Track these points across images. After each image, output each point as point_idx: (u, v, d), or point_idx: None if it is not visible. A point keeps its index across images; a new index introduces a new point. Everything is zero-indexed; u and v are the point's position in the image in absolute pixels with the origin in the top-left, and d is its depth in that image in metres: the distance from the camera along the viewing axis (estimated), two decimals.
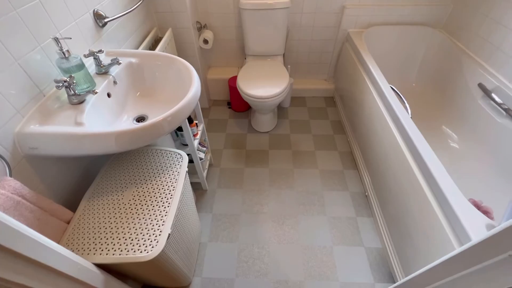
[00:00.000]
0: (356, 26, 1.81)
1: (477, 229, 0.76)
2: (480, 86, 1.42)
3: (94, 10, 1.03)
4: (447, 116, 1.65)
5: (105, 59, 0.98)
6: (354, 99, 1.69)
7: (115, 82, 0.96)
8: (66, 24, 0.88)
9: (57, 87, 0.75)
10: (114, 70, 0.97)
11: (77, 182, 0.95)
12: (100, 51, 0.92)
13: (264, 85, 1.58)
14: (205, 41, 1.79)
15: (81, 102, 0.81)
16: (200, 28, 1.79)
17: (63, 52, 0.77)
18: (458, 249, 0.56)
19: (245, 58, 1.91)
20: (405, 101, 1.30)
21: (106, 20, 1.06)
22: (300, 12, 1.78)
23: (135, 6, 1.26)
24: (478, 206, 1.17)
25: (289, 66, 1.86)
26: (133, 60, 1.04)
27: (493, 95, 1.34)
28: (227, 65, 2.12)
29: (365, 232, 1.34)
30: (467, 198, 0.89)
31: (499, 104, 1.31)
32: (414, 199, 1.01)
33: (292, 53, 2.02)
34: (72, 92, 0.78)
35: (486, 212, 1.13)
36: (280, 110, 2.08)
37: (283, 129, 1.92)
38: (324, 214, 1.41)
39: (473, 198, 1.19)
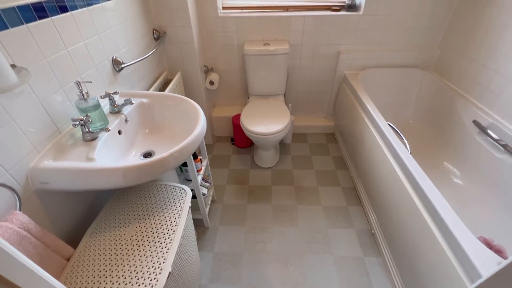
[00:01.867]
0: (351, 69, 1.95)
1: (490, 269, 0.73)
2: (475, 122, 1.47)
3: (113, 57, 1.14)
4: (447, 152, 1.67)
5: (119, 100, 1.06)
6: (354, 135, 1.74)
7: (126, 121, 1.02)
8: (87, 69, 0.98)
9: (74, 125, 0.80)
10: (127, 110, 1.04)
11: (81, 216, 0.96)
12: (115, 92, 1.00)
13: (266, 123, 1.65)
14: (211, 83, 1.92)
15: (94, 139, 0.86)
16: (207, 71, 1.94)
17: (83, 94, 0.84)
18: None
19: (248, 98, 2.02)
20: (404, 138, 1.34)
21: (122, 66, 1.17)
22: (299, 57, 1.94)
23: (149, 54, 1.39)
24: (490, 245, 1.12)
25: (290, 105, 1.96)
26: (145, 100, 1.12)
27: (489, 132, 1.38)
28: (231, 104, 2.24)
29: (374, 273, 1.27)
30: (477, 236, 0.87)
31: (496, 140, 1.34)
32: (422, 238, 0.98)
33: (293, 92, 2.15)
34: (87, 129, 0.83)
35: (499, 251, 1.09)
36: (282, 146, 2.13)
37: (285, 164, 1.94)
38: (330, 253, 1.36)
39: (484, 236, 1.15)
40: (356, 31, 1.81)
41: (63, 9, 0.85)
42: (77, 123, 0.81)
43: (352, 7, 1.78)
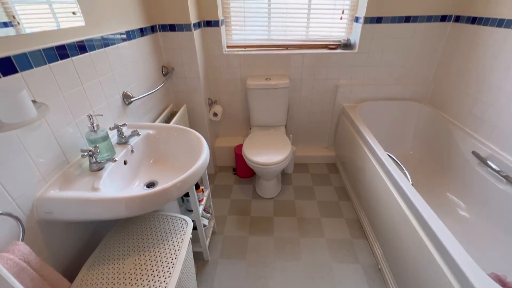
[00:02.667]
0: (350, 101, 2.03)
1: None
2: (474, 153, 1.49)
3: (123, 92, 1.22)
4: (450, 183, 1.66)
5: (126, 131, 1.11)
6: (355, 166, 1.75)
7: (132, 151, 1.05)
8: (99, 103, 1.04)
9: (82, 156, 0.83)
10: (133, 141, 1.08)
11: (81, 248, 0.94)
12: (123, 124, 1.05)
13: (268, 153, 1.68)
14: (215, 114, 1.99)
15: (100, 169, 0.88)
16: (211, 103, 2.03)
17: (93, 126, 0.89)
18: None
19: (250, 128, 2.08)
20: (404, 168, 1.35)
21: (132, 99, 1.24)
22: (299, 90, 2.04)
23: (157, 88, 1.48)
24: (503, 282, 1.07)
25: (291, 135, 2.01)
26: (151, 131, 1.16)
27: (489, 163, 1.39)
28: (233, 135, 2.30)
29: None
30: (488, 273, 0.84)
31: (497, 172, 1.34)
32: (430, 275, 0.94)
33: (294, 123, 2.21)
34: (94, 160, 0.86)
35: None
36: (284, 176, 2.13)
37: (287, 195, 1.93)
38: None
39: (495, 272, 1.10)
40: (352, 67, 1.93)
41: (83, 50, 0.94)
42: (86, 153, 0.84)
43: (347, 46, 1.92)
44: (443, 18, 1.74)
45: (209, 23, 1.77)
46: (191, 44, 1.61)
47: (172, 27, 1.57)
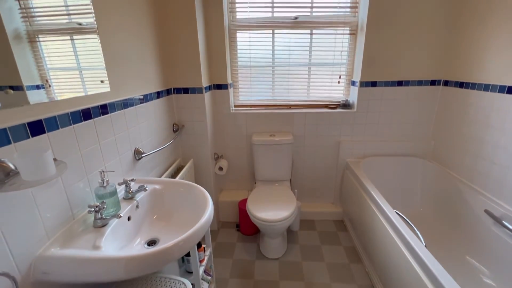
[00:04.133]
0: (353, 156, 2.07)
1: None
2: (487, 212, 1.43)
3: (135, 148, 1.29)
4: (467, 244, 1.56)
5: (134, 186, 1.14)
6: (363, 224, 1.68)
7: (137, 207, 1.06)
8: (111, 159, 1.10)
9: (89, 211, 0.84)
10: (140, 196, 1.09)
11: None
12: (132, 180, 1.08)
13: (273, 209, 1.65)
14: (220, 169, 2.03)
15: (104, 225, 0.88)
16: (217, 158, 2.10)
17: (103, 182, 0.92)
18: None
19: (255, 183, 2.09)
20: (415, 228, 1.30)
21: (143, 155, 1.30)
22: (302, 146, 2.11)
23: (167, 144, 1.56)
24: None
25: (296, 190, 1.99)
26: (157, 186, 1.18)
27: (505, 223, 1.33)
28: (238, 189, 2.29)
29: None
30: None
31: None
32: None
33: (298, 178, 2.22)
34: (100, 216, 0.87)
35: None
36: (290, 234, 2.03)
37: (293, 255, 1.81)
38: None
39: None
40: (353, 125, 2.03)
41: (105, 112, 1.04)
42: (93, 209, 0.85)
43: (346, 106, 2.06)
44: (433, 83, 1.90)
45: (218, 86, 1.97)
46: (201, 104, 1.76)
47: (185, 90, 1.74)
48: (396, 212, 1.36)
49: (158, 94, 1.55)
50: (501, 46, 1.42)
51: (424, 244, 1.14)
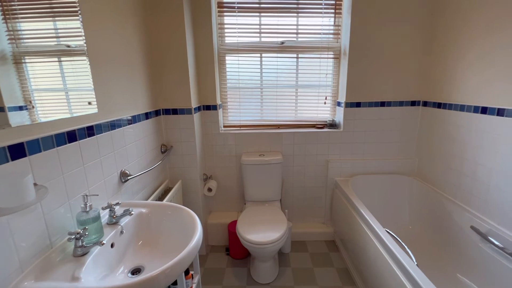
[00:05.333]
0: (341, 175, 2.09)
1: None
2: (474, 229, 1.46)
3: (121, 170, 1.25)
4: (457, 262, 1.56)
5: (119, 210, 1.09)
6: (354, 243, 1.66)
7: (121, 232, 1.01)
8: (96, 182, 1.05)
9: (69, 239, 0.79)
10: (124, 220, 1.04)
11: None
12: (117, 203, 1.03)
13: (263, 230, 1.61)
14: (209, 190, 1.99)
15: (85, 254, 0.82)
16: (206, 178, 2.06)
17: (86, 207, 0.87)
18: None
19: (245, 204, 2.05)
20: (406, 247, 1.29)
21: (129, 177, 1.26)
22: (292, 165, 2.12)
23: (155, 166, 1.53)
24: None
25: (286, 211, 1.97)
26: (144, 210, 1.14)
27: (491, 239, 1.35)
28: (227, 210, 2.24)
29: None
30: None
31: (501, 249, 1.29)
32: None
33: (288, 198, 2.20)
34: (80, 243, 0.81)
35: None
36: (281, 256, 1.97)
37: (285, 279, 1.74)
38: None
39: None
40: (340, 144, 2.07)
41: (91, 134, 1.02)
42: (73, 236, 0.80)
43: (333, 125, 2.11)
44: (413, 103, 2.00)
45: (208, 107, 1.98)
46: (191, 125, 1.75)
47: (174, 111, 1.74)
48: (387, 231, 1.36)
49: (147, 115, 1.54)
50: (473, 69, 1.53)
51: (416, 263, 1.14)
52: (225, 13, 1.93)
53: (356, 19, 1.83)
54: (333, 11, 1.94)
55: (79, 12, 0.96)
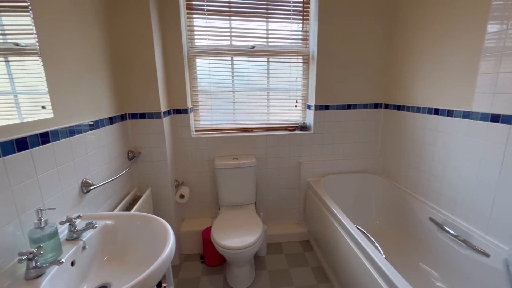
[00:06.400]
0: (313, 176, 2.15)
1: None
2: (432, 220, 1.59)
3: (83, 180, 1.15)
4: (419, 252, 1.69)
5: (80, 223, 0.99)
6: (328, 242, 1.72)
7: (84, 248, 0.92)
8: (53, 194, 0.95)
9: (19, 260, 0.70)
10: (87, 235, 0.95)
11: None
12: (78, 216, 0.94)
13: (239, 235, 1.59)
14: (181, 196, 1.92)
15: (40, 275, 0.74)
16: (178, 185, 1.98)
17: (41, 222, 0.78)
18: None
19: (219, 209, 2.01)
20: (375, 241, 1.37)
21: (91, 187, 1.17)
22: (265, 168, 2.13)
23: (121, 174, 1.43)
24: None
25: (261, 214, 1.97)
26: (109, 222, 1.06)
27: (446, 228, 1.49)
28: (201, 216, 2.18)
29: None
30: None
31: (455, 236, 1.43)
32: None
33: (263, 201, 2.21)
34: (34, 264, 0.73)
35: None
36: (257, 260, 1.97)
37: (262, 283, 1.74)
38: None
39: None
40: (311, 145, 2.14)
41: (46, 141, 0.92)
42: (25, 257, 0.71)
43: (304, 128, 2.18)
44: (376, 106, 2.14)
45: (178, 111, 1.92)
46: (160, 129, 1.68)
47: (142, 115, 1.65)
48: (357, 227, 1.43)
49: (111, 120, 1.44)
50: (425, 75, 1.68)
51: (384, 256, 1.21)
52: (194, 15, 1.90)
53: (323, 25, 1.91)
54: (301, 17, 2.01)
55: (29, 7, 0.87)
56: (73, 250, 0.87)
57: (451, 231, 1.46)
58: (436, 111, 1.60)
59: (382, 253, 1.23)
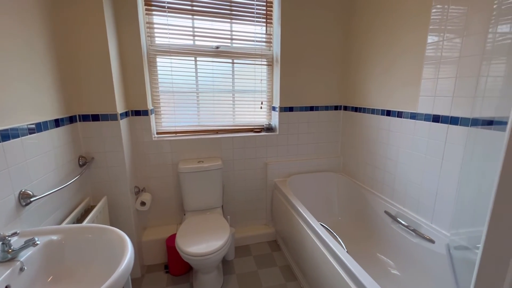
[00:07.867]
0: (279, 176, 2.19)
1: None
2: (387, 213, 1.72)
3: (21, 191, 1.00)
4: (376, 243, 1.82)
5: (17, 242, 0.86)
6: (294, 240, 1.75)
7: (21, 269, 0.80)
8: None
9: None
10: (26, 254, 0.83)
11: None
12: (14, 234, 0.82)
13: (205, 240, 1.54)
14: (143, 203, 1.80)
15: None
16: (138, 191, 1.85)
17: None
18: None
19: (184, 214, 1.93)
20: (338, 237, 1.43)
21: (32, 199, 1.02)
22: (232, 170, 2.10)
23: (70, 182, 1.29)
24: None
25: (228, 217, 1.94)
26: (55, 237, 0.94)
27: (399, 219, 1.62)
28: (165, 224, 2.06)
29: None
30: None
31: (406, 227, 1.56)
32: None
33: (230, 204, 2.17)
34: None
35: None
36: (225, 264, 1.93)
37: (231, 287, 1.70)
38: None
39: None
40: (277, 146, 2.17)
41: None
42: None
43: (270, 129, 2.20)
44: (336, 107, 2.26)
45: (137, 112, 1.80)
46: (116, 133, 1.55)
47: (95, 117, 1.51)
48: (321, 224, 1.48)
49: (57, 122, 1.29)
50: (377, 78, 1.82)
51: (346, 250, 1.27)
52: (154, 12, 1.80)
53: (285, 30, 1.96)
54: (264, 20, 2.03)
55: None
56: (8, 273, 0.75)
57: (403, 222, 1.59)
58: (388, 113, 1.74)
59: (344, 248, 1.29)
